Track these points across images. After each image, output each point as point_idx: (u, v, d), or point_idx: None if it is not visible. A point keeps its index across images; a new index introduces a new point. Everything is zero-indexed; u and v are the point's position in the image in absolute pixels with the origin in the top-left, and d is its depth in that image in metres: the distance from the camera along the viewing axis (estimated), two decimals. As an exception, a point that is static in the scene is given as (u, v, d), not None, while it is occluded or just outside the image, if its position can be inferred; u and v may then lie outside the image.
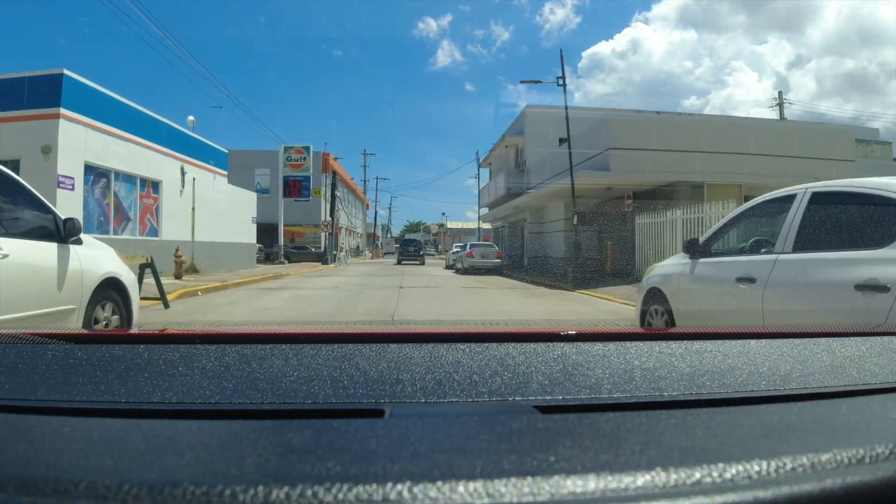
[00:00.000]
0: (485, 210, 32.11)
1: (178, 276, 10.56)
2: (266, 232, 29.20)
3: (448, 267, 22.12)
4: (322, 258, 24.15)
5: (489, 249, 18.36)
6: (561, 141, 18.03)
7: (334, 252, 25.31)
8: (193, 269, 12.40)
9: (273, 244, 26.25)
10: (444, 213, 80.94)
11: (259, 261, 21.32)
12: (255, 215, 18.83)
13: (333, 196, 27.06)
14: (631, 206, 13.31)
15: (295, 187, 27.09)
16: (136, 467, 0.44)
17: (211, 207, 14.68)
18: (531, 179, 20.59)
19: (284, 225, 31.02)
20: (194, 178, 13.64)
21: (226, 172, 16.71)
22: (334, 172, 26.42)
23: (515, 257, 20.83)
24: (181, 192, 13.05)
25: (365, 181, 45.03)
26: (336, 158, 34.05)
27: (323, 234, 25.62)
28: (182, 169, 13.21)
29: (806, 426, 0.55)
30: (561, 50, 21.89)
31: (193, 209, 13.37)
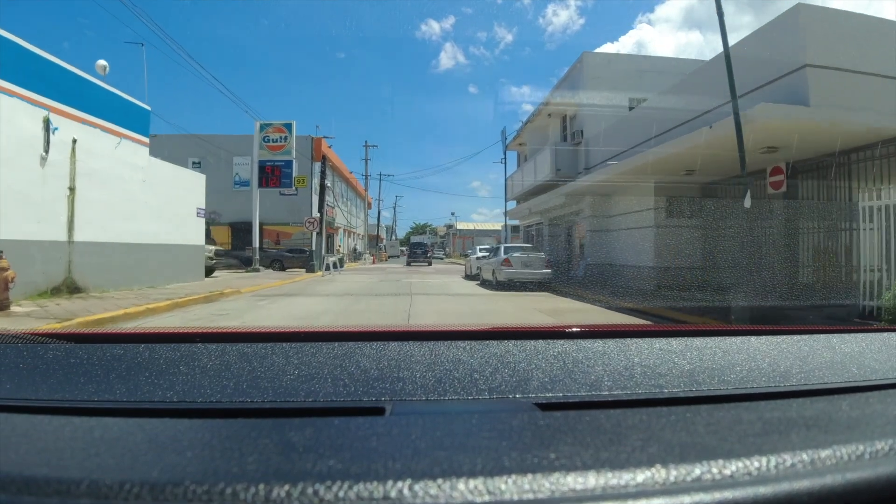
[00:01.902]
0: (510, 205, 28.26)
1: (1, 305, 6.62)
2: (247, 232, 25.91)
3: (469, 277, 18.99)
4: (307, 264, 21.18)
5: (534, 256, 14.15)
6: (633, 103, 14.53)
7: (325, 255, 22.13)
8: (71, 287, 8.79)
9: (246, 248, 23.24)
10: (453, 213, 75.89)
11: (225, 268, 18.79)
12: (204, 206, 14.71)
13: (323, 187, 24.21)
14: (782, 185, 8.91)
15: (273, 175, 22.59)
16: (137, 466, 0.47)
17: (113, 189, 10.34)
18: (592, 156, 13.13)
19: (269, 224, 27.74)
20: (75, 141, 9.33)
21: (146, 140, 12.32)
22: (324, 157, 19.69)
23: (560, 265, 17.12)
24: (43, 159, 8.59)
25: (366, 176, 39.29)
26: (329, 144, 27.11)
27: (313, 235, 22.50)
28: (47, 122, 8.67)
29: (806, 423, 0.59)
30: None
31: (73, 189, 9.21)
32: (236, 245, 27.16)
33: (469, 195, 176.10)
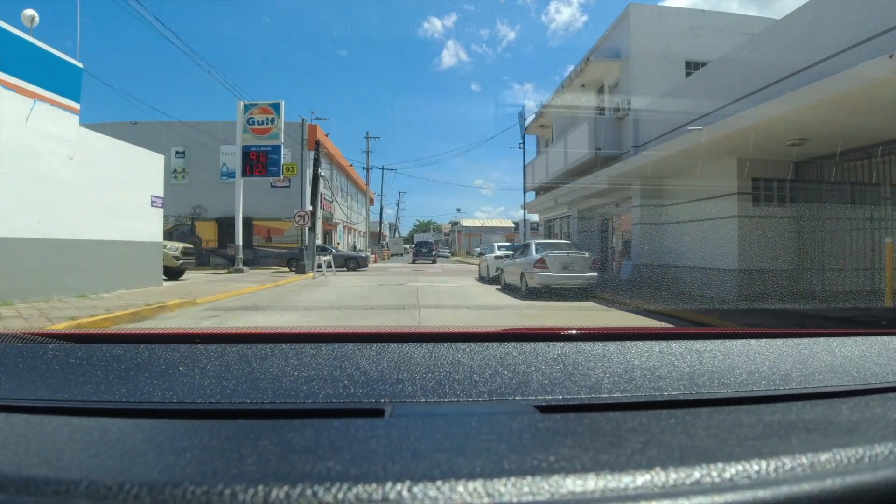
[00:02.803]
0: (530, 197, 24.81)
1: None
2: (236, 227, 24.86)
3: (484, 280, 16.83)
4: (297, 264, 19.44)
5: (576, 255, 11.27)
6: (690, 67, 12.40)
7: (321, 254, 19.50)
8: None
9: (228, 245, 21.94)
10: (458, 209, 73.49)
11: (211, 268, 18.16)
12: (161, 194, 12.05)
13: (316, 176, 21.63)
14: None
15: (259, 162, 19.77)
16: (136, 467, 0.48)
17: (23, 167, 8.07)
18: (644, 129, 9.70)
19: (259, 219, 25.54)
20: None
21: (76, 105, 9.62)
22: (317, 143, 16.93)
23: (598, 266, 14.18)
24: None
25: (367, 169, 36.83)
26: (327, 132, 24.60)
27: (305, 231, 20.07)
28: None
29: (806, 426, 0.61)
30: None
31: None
32: (224, 242, 26.66)
33: (471, 193, 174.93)
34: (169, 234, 26.62)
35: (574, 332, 0.91)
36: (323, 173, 22.08)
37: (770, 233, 9.02)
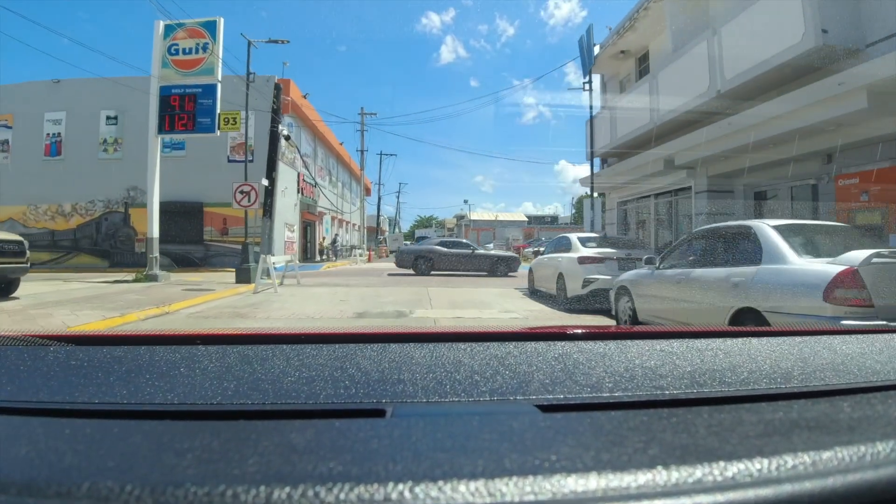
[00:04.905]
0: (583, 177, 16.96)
1: None
2: (187, 216, 19.12)
3: (535, 294, 10.72)
4: (238, 268, 12.91)
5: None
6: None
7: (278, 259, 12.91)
8: None
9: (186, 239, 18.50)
10: (466, 201, 68.57)
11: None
12: None
13: (275, 136, 13.99)
14: None
15: (183, 111, 12.68)
16: (138, 468, 0.49)
17: None
18: None
19: (211, 204, 19.35)
20: None
21: None
22: (277, 87, 8.79)
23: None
24: None
25: (362, 151, 30.49)
26: (305, 94, 17.98)
27: (264, 222, 13.42)
28: None
29: (807, 424, 0.61)
30: None
31: None
32: (170, 236, 19.30)
33: (474, 190, 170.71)
34: (97, 225, 20.36)
35: (574, 331, 0.90)
36: (285, 131, 14.44)
37: None
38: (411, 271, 16.94)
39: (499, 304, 9.59)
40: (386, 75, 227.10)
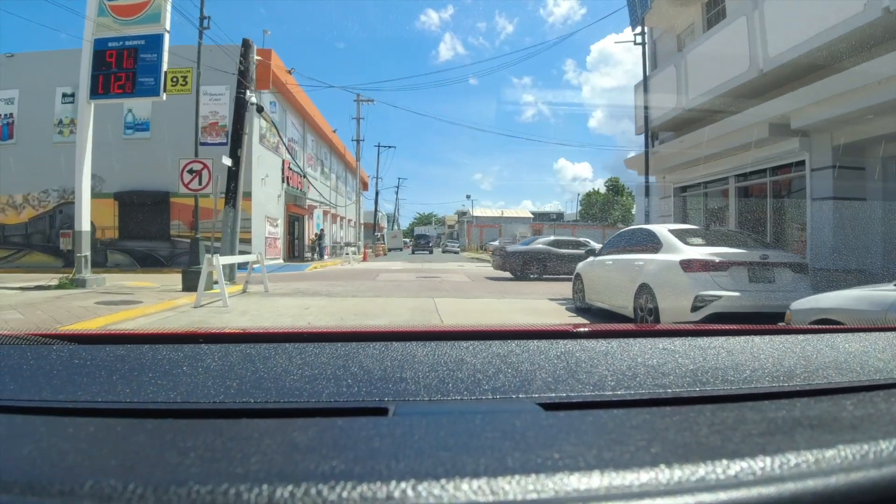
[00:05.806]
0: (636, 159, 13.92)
1: None
2: (151, 208, 16.62)
3: (587, 310, 7.99)
4: (185, 272, 10.06)
5: None
6: None
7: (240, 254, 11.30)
8: None
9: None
10: (468, 196, 67.26)
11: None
12: None
13: (241, 103, 11.38)
14: None
15: (122, 68, 9.93)
16: (141, 467, 0.49)
17: None
18: None
19: (179, 195, 15.25)
20: None
21: None
22: (244, 49, 5.25)
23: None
24: None
25: (358, 141, 27.54)
26: (290, 70, 14.92)
27: (226, 213, 11.00)
28: None
29: (810, 422, 0.61)
30: None
31: None
32: (127, 230, 17.26)
33: (474, 187, 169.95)
34: (51, 218, 17.70)
35: (576, 329, 0.91)
36: (254, 99, 11.31)
37: None
38: (507, 275, 14.09)
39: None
40: (385, 74, 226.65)
